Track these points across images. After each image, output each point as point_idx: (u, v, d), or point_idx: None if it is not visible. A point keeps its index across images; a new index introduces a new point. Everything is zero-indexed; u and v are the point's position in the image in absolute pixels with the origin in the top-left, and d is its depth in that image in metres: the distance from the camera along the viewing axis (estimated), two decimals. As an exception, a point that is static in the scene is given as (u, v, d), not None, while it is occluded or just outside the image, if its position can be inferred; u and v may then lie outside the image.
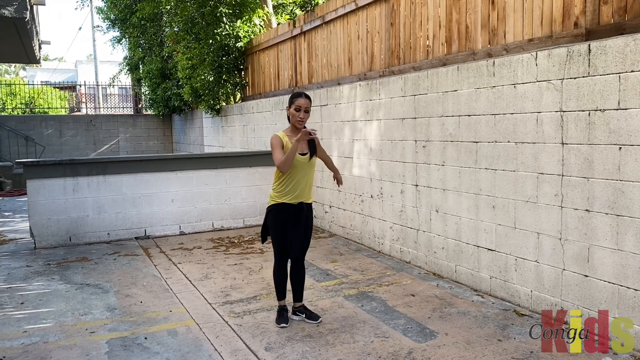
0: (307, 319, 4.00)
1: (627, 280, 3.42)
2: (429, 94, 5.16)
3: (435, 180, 5.13)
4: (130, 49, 16.91)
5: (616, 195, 3.46)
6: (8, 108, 23.15)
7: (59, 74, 34.21)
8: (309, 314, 4.04)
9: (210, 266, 5.61)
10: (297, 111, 3.78)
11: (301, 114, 3.77)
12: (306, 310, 4.06)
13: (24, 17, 6.28)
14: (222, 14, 10.32)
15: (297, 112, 3.78)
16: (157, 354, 3.49)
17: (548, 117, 3.91)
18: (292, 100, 3.81)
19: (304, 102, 3.78)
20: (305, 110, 3.78)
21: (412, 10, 5.56)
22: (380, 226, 6.08)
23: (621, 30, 3.50)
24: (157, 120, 17.79)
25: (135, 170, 6.98)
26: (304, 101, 3.78)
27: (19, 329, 3.95)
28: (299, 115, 3.77)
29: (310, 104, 3.82)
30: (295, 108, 3.78)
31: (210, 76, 10.85)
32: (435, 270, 5.19)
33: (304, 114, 3.78)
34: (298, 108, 3.77)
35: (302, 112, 3.77)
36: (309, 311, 4.06)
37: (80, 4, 25.90)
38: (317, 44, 7.76)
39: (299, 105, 3.77)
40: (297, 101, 3.78)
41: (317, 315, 4.03)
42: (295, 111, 3.78)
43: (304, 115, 3.79)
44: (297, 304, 4.09)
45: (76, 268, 5.59)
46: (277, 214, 3.88)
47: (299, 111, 3.77)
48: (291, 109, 3.80)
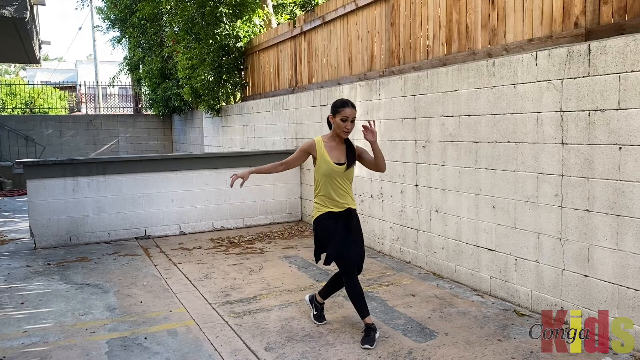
0: (315, 318, 3.96)
1: (627, 280, 3.42)
2: (429, 94, 5.16)
3: (435, 180, 5.13)
4: (130, 49, 16.91)
5: (616, 195, 3.46)
6: (8, 108, 23.16)
7: (59, 74, 34.22)
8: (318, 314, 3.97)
9: (210, 266, 5.61)
10: (343, 121, 3.57)
11: (348, 124, 3.57)
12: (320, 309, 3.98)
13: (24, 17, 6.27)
14: (222, 14, 10.32)
15: (343, 123, 3.57)
16: (157, 354, 3.49)
17: (548, 117, 3.91)
18: (338, 109, 3.59)
19: (350, 113, 3.57)
20: (352, 121, 3.59)
21: (412, 10, 5.56)
22: (380, 226, 6.08)
23: (621, 30, 3.50)
24: (157, 120, 17.79)
25: (135, 170, 6.98)
26: (350, 111, 3.57)
27: (19, 329, 3.95)
28: (345, 125, 3.57)
29: (356, 113, 3.62)
30: (341, 118, 3.56)
31: (210, 76, 10.85)
32: (435, 270, 5.19)
33: (350, 124, 3.58)
34: (345, 119, 3.56)
35: (348, 122, 3.57)
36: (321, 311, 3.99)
37: (80, 4, 25.95)
38: (317, 44, 7.77)
39: (346, 116, 3.56)
40: (343, 111, 3.57)
41: (324, 318, 3.97)
42: (341, 121, 3.57)
43: (351, 125, 3.59)
44: (322, 299, 3.98)
45: (76, 268, 5.59)
46: (325, 222, 3.68)
47: (346, 122, 3.57)
48: (337, 118, 3.58)
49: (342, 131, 3.62)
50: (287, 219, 7.99)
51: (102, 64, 26.85)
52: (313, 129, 7.59)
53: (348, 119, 3.58)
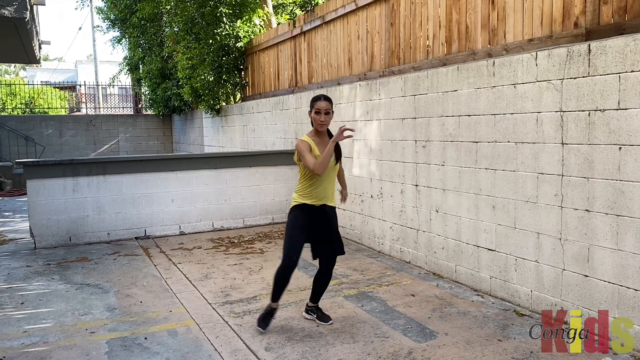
0: (318, 319, 3.99)
1: (627, 280, 3.42)
2: (429, 94, 5.16)
3: (435, 180, 5.13)
4: (130, 49, 16.91)
5: (616, 195, 3.46)
6: (8, 108, 23.16)
7: (59, 74, 34.20)
8: (321, 315, 4.02)
9: (210, 266, 5.61)
10: (317, 114, 3.75)
11: (322, 116, 3.74)
12: (318, 311, 4.04)
13: (24, 17, 6.28)
14: (222, 14, 10.32)
15: (317, 116, 3.75)
16: (157, 354, 3.49)
17: (548, 117, 3.91)
18: (312, 103, 3.78)
19: (323, 105, 3.73)
20: (326, 112, 3.75)
21: (412, 10, 5.56)
22: (380, 226, 6.08)
23: (621, 30, 3.50)
24: (157, 120, 17.79)
25: (135, 170, 6.98)
26: (323, 104, 3.74)
27: (19, 329, 3.95)
28: (319, 118, 3.74)
29: (330, 105, 3.79)
30: (315, 112, 3.75)
31: (210, 76, 10.85)
32: (435, 270, 5.19)
33: (324, 116, 3.75)
34: (318, 111, 3.74)
35: (322, 114, 3.74)
36: (321, 312, 4.04)
37: (80, 4, 25.93)
38: (317, 44, 7.77)
39: (319, 108, 3.73)
40: (316, 105, 3.75)
41: (329, 317, 4.01)
42: (315, 115, 3.75)
43: (325, 117, 3.76)
44: (312, 304, 4.06)
45: (76, 268, 5.59)
46: (298, 214, 3.82)
47: (319, 114, 3.75)
48: (312, 113, 3.78)
49: (317, 124, 3.78)
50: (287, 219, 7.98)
51: (102, 64, 26.86)
52: (313, 129, 7.59)
53: (321, 111, 3.74)
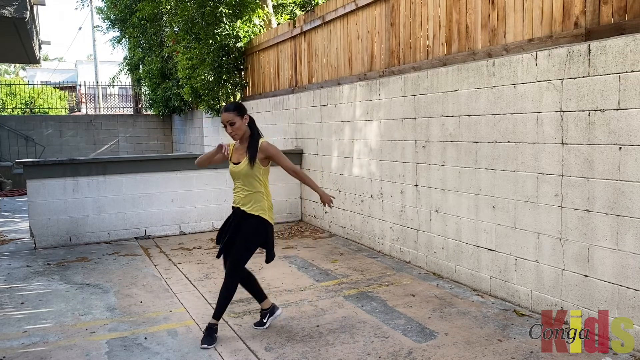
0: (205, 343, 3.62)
1: (627, 280, 3.42)
2: (429, 94, 5.16)
3: (435, 180, 5.13)
4: (130, 49, 16.91)
5: (616, 195, 3.46)
6: (8, 108, 23.15)
7: (59, 74, 34.19)
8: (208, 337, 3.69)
9: (210, 266, 5.61)
10: (224, 127, 3.70)
11: (228, 129, 3.67)
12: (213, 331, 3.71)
13: (24, 17, 6.27)
14: (222, 14, 10.31)
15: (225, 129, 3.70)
16: (157, 354, 3.49)
17: (548, 117, 3.91)
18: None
19: (223, 118, 3.65)
20: (230, 124, 3.63)
21: (412, 10, 5.56)
22: (380, 226, 6.08)
23: (621, 30, 3.50)
24: (157, 120, 17.79)
25: (135, 170, 6.98)
26: (223, 116, 3.66)
27: (19, 329, 3.95)
28: (226, 131, 3.70)
29: (232, 115, 3.63)
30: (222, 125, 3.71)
31: (210, 76, 10.85)
32: (435, 270, 5.19)
33: (230, 128, 3.65)
34: (224, 125, 3.69)
35: (228, 127, 3.66)
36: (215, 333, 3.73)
37: (80, 4, 25.85)
38: (317, 44, 7.76)
39: (221, 122, 3.70)
40: (221, 118, 3.71)
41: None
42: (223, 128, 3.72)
43: (230, 129, 3.65)
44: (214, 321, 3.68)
45: (76, 268, 5.59)
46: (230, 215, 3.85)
47: (225, 127, 3.69)
48: None
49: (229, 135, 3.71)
50: (287, 219, 7.99)
51: (102, 64, 26.84)
52: (313, 129, 7.59)
53: (224, 123, 3.67)
